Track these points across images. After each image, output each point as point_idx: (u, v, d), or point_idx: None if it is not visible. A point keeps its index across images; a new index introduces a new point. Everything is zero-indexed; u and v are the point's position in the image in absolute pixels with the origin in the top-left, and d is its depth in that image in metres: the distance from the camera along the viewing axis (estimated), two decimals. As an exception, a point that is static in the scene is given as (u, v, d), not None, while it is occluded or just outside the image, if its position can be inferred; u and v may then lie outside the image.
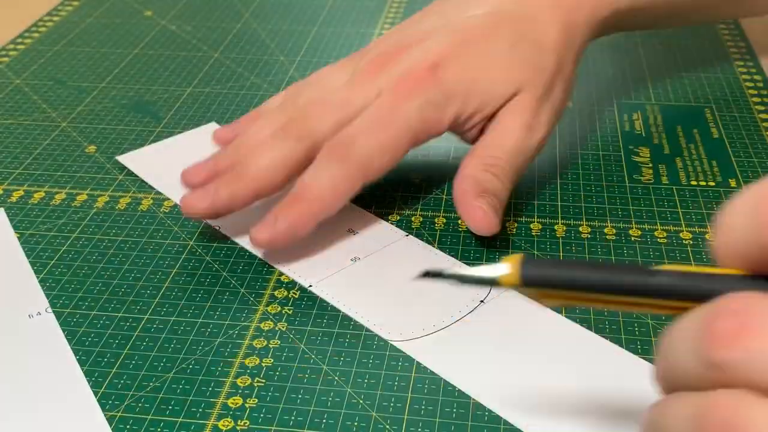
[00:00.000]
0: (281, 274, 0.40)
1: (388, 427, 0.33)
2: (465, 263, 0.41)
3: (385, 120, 0.41)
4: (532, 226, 0.43)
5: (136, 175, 0.48)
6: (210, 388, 0.34)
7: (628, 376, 0.34)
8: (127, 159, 0.50)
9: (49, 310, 0.38)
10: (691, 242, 0.42)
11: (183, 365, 0.35)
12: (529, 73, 0.44)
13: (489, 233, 0.40)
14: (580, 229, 0.43)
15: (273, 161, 0.41)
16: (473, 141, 0.44)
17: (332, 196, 0.40)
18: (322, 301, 0.39)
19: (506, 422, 0.33)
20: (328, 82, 0.45)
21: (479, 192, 0.41)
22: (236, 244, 0.42)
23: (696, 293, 0.22)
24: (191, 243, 0.43)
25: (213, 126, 0.53)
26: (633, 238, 0.42)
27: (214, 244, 0.43)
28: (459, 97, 0.43)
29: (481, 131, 0.44)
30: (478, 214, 0.40)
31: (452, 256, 0.42)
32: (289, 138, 0.41)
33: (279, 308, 0.38)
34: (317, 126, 0.42)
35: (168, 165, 0.48)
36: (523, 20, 0.45)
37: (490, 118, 0.44)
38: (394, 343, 0.36)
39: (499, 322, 0.37)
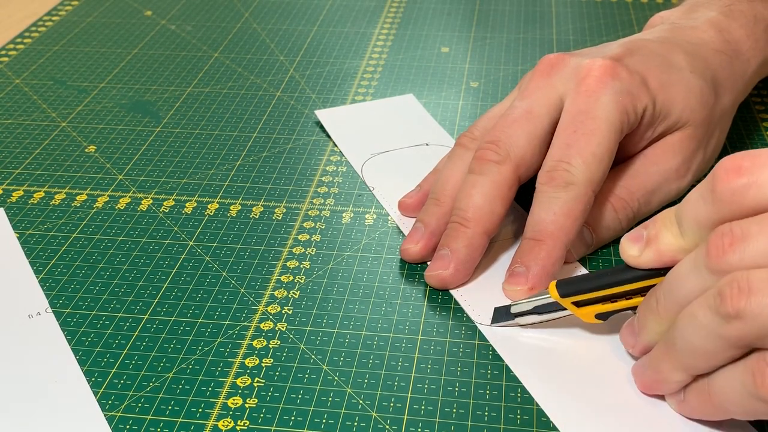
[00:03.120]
0: (281, 274, 0.41)
1: (388, 427, 0.33)
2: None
3: (585, 125, 0.38)
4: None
5: (145, 175, 0.48)
6: (210, 388, 0.34)
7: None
8: (324, 114, 0.53)
9: (49, 310, 0.38)
10: (691, 242, 0.42)
11: (183, 365, 0.35)
12: (702, 109, 0.42)
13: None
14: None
15: (485, 195, 0.39)
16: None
17: (572, 224, 0.38)
18: (322, 301, 0.39)
19: (504, 423, 0.33)
20: (497, 108, 0.43)
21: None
22: (236, 244, 0.42)
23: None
24: (191, 243, 0.43)
25: (410, 97, 0.55)
26: (633, 238, 0.42)
27: (214, 244, 0.43)
28: (647, 91, 0.40)
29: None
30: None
31: (452, 256, 0.42)
32: (489, 165, 0.39)
33: (279, 308, 0.38)
34: (511, 143, 0.39)
35: (356, 128, 0.51)
36: (697, 55, 0.43)
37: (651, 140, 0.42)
38: (478, 326, 0.37)
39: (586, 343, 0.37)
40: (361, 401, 0.34)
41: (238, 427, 0.33)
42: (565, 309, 0.35)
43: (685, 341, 0.30)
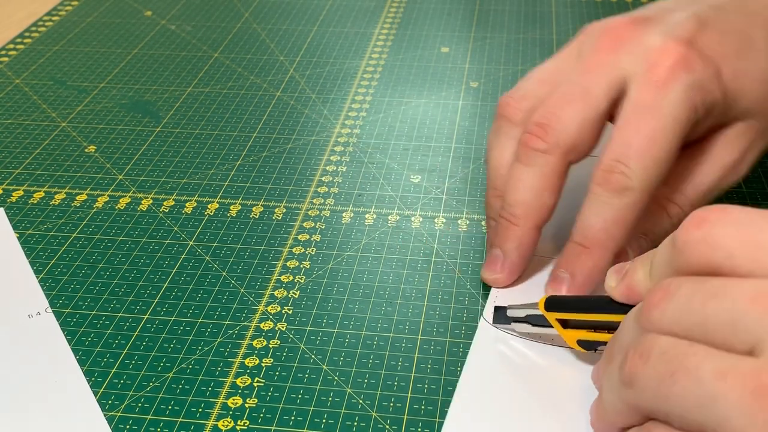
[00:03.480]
0: (281, 273, 0.41)
1: (388, 427, 0.33)
2: (464, 264, 0.41)
3: (650, 124, 0.34)
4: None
5: (145, 175, 0.48)
6: (210, 388, 0.34)
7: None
8: None
9: (49, 310, 0.38)
10: (691, 242, 0.42)
11: (183, 365, 0.35)
12: None
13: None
14: (580, 229, 0.43)
15: (533, 189, 0.37)
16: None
17: (623, 233, 0.35)
18: (322, 300, 0.39)
19: (506, 422, 0.33)
20: (544, 70, 0.39)
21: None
22: (236, 244, 0.42)
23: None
24: (191, 243, 0.43)
25: None
26: (633, 238, 0.42)
27: (214, 244, 0.43)
28: (719, 83, 0.36)
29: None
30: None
31: (452, 256, 0.42)
32: (536, 156, 0.36)
33: (279, 308, 0.38)
34: (562, 128, 0.36)
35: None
36: None
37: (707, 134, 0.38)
38: (484, 318, 0.37)
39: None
40: (361, 401, 0.34)
41: (238, 427, 0.33)
42: (551, 326, 0.34)
43: (604, 393, 0.29)
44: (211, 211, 0.45)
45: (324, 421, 0.33)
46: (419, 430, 0.32)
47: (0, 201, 0.46)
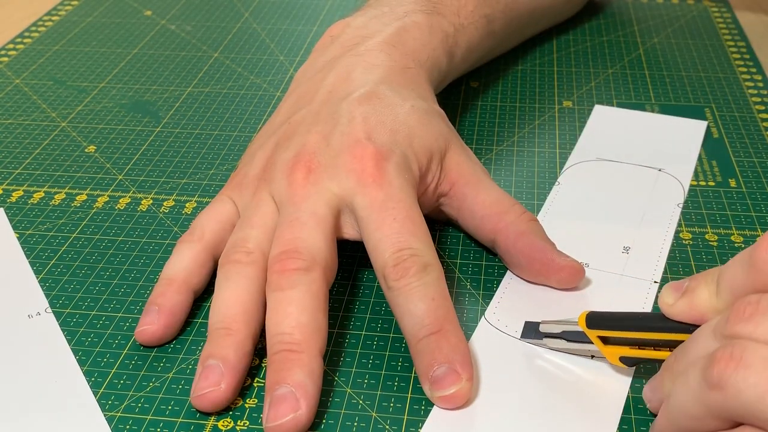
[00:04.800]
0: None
1: (388, 427, 0.33)
2: (464, 264, 0.41)
3: (391, 210, 0.36)
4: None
5: (145, 175, 0.48)
6: (210, 388, 0.34)
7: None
8: (600, 110, 0.53)
9: (49, 310, 0.38)
10: (691, 242, 0.42)
11: (183, 365, 0.35)
12: (450, 129, 0.43)
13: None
14: (580, 229, 0.43)
15: (307, 311, 0.34)
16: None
17: (449, 304, 0.35)
18: (322, 301, 0.39)
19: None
20: (252, 225, 0.38)
21: (552, 245, 0.39)
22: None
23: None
24: (191, 243, 0.43)
25: (701, 125, 0.52)
26: (633, 238, 0.42)
27: (214, 244, 0.43)
28: (411, 150, 0.39)
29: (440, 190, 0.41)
30: (576, 267, 0.38)
31: (452, 256, 0.41)
32: (297, 276, 0.35)
33: (279, 308, 0.38)
34: (312, 248, 0.36)
35: (612, 131, 0.51)
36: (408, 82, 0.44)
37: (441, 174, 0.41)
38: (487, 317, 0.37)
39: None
40: (361, 401, 0.34)
41: (238, 427, 0.33)
42: (591, 342, 0.34)
43: (676, 401, 0.29)
44: (211, 211, 0.45)
45: (324, 421, 0.33)
46: (419, 430, 0.32)
47: (0, 201, 0.46)
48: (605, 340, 0.33)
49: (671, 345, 0.32)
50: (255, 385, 0.34)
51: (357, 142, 0.38)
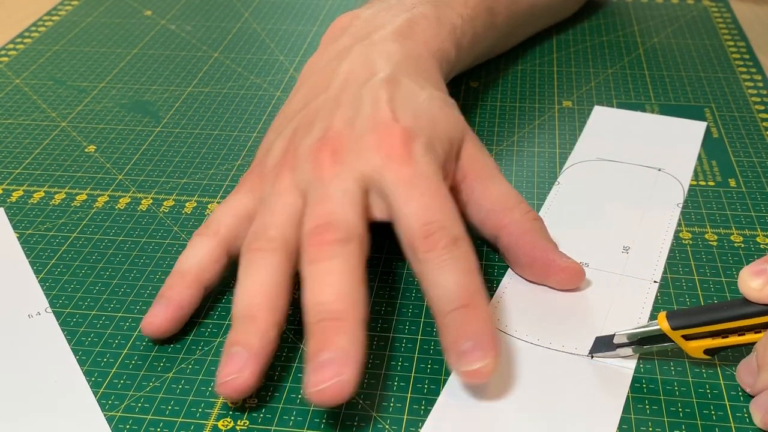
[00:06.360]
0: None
1: (388, 427, 0.33)
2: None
3: (420, 184, 0.36)
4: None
5: (145, 175, 0.48)
6: (210, 388, 0.34)
7: None
8: (601, 111, 0.53)
9: (49, 310, 0.38)
10: (691, 242, 0.42)
11: (183, 365, 0.35)
12: (460, 115, 0.43)
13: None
14: (580, 229, 0.43)
15: (348, 281, 0.33)
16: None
17: (480, 278, 0.34)
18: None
19: (506, 422, 0.33)
20: (274, 213, 0.37)
21: (554, 245, 0.38)
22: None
23: None
24: (191, 243, 0.43)
25: (700, 126, 0.52)
26: (633, 238, 0.42)
27: (214, 244, 0.43)
28: (437, 133, 0.39)
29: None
30: (576, 269, 0.38)
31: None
32: (334, 248, 0.34)
33: (279, 308, 0.38)
34: (347, 220, 0.35)
35: (612, 131, 0.51)
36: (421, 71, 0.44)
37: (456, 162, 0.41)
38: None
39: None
40: (361, 401, 0.34)
41: (238, 427, 0.33)
42: (671, 341, 0.33)
43: None
44: (210, 211, 0.45)
45: (324, 421, 0.33)
46: (419, 430, 0.32)
47: (0, 201, 0.46)
48: (686, 337, 0.33)
49: (755, 328, 0.32)
50: (255, 385, 0.34)
51: (383, 123, 0.38)
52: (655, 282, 0.39)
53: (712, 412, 0.33)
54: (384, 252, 0.42)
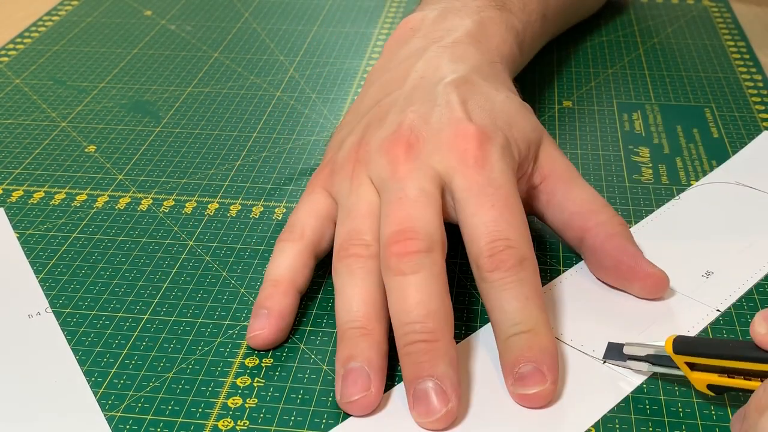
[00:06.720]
0: (281, 274, 0.40)
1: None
2: (464, 264, 0.41)
3: (492, 194, 0.35)
4: (532, 225, 0.43)
5: (145, 175, 0.48)
6: (210, 388, 0.34)
7: None
8: (766, 137, 0.49)
9: (49, 310, 0.38)
10: None
11: (183, 365, 0.35)
12: (535, 117, 0.43)
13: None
14: (580, 229, 0.43)
15: (436, 295, 0.33)
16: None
17: (542, 300, 0.34)
18: (322, 300, 0.39)
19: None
20: (363, 215, 0.36)
21: (641, 252, 0.38)
22: (236, 244, 0.43)
23: None
24: (191, 243, 0.43)
25: None
26: (633, 238, 0.42)
27: (214, 244, 0.43)
28: (512, 136, 0.39)
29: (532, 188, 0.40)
30: (662, 277, 0.37)
31: (452, 255, 0.41)
32: (419, 258, 0.34)
33: (279, 308, 0.38)
34: (428, 227, 0.35)
35: None
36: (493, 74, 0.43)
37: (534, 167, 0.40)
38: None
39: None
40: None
41: (238, 427, 0.33)
42: (677, 367, 0.32)
43: None
44: (211, 211, 0.45)
45: (324, 421, 0.33)
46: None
47: (0, 201, 0.46)
48: (692, 366, 0.32)
49: (762, 375, 0.30)
50: (255, 385, 0.34)
51: (459, 121, 0.37)
52: (717, 311, 0.37)
53: (713, 412, 0.33)
54: (384, 252, 0.42)
